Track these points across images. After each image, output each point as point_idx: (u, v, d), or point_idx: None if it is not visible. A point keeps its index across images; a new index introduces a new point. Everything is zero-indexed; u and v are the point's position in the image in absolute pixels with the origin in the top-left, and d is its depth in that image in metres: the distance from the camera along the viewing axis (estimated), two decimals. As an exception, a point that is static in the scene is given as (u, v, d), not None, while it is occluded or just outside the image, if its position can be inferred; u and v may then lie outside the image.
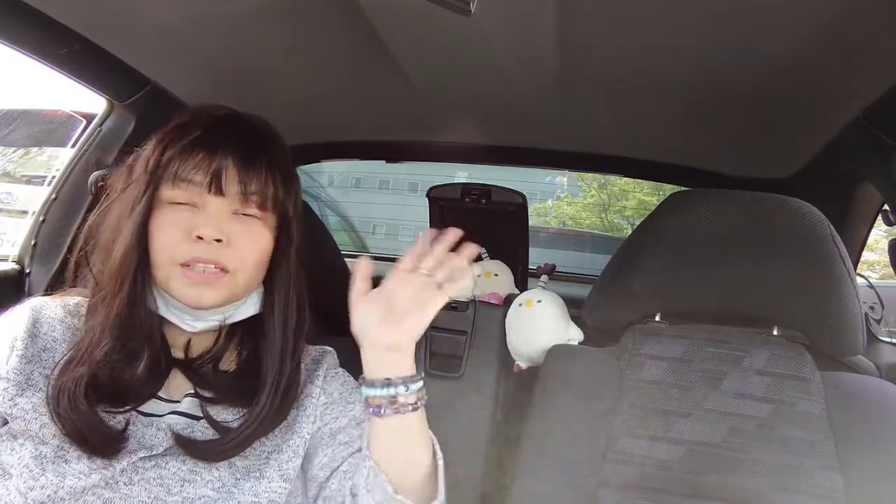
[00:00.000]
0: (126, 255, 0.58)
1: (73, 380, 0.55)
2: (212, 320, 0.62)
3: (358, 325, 0.56)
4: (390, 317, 0.54)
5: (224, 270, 0.59)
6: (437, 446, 0.59)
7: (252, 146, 0.61)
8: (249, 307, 0.64)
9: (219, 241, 0.58)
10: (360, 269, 0.57)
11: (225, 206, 0.60)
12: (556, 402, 0.83)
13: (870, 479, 0.73)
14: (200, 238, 0.58)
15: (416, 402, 0.56)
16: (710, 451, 0.78)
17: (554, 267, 1.28)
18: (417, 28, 0.77)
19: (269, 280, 0.65)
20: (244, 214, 0.61)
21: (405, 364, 0.55)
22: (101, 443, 0.54)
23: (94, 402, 0.55)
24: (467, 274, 0.57)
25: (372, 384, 0.55)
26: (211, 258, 0.58)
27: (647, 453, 0.78)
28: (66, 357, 0.57)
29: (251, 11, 0.77)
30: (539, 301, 1.12)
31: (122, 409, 0.57)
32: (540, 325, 1.09)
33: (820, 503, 0.73)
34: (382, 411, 0.55)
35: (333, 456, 0.63)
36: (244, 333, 0.66)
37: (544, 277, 1.22)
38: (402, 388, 0.55)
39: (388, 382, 0.55)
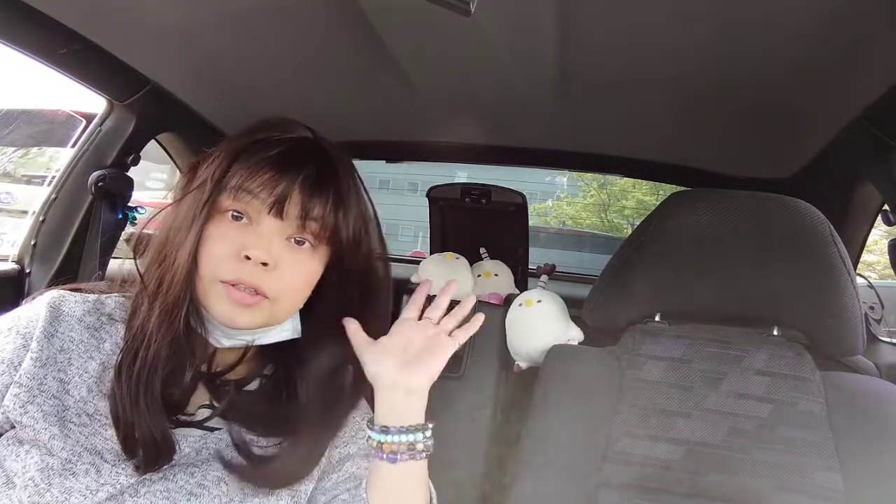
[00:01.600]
0: (187, 262, 0.55)
1: (143, 383, 0.53)
2: (241, 340, 0.60)
3: (375, 370, 0.56)
4: (409, 361, 0.56)
5: (264, 296, 0.56)
6: (433, 492, 0.60)
7: (323, 175, 0.59)
8: (282, 332, 0.61)
9: (265, 264, 0.55)
10: (349, 325, 0.59)
11: (280, 229, 0.57)
12: (556, 402, 0.83)
13: (870, 479, 0.73)
14: (248, 258, 0.55)
15: (430, 447, 0.56)
16: (710, 451, 0.78)
17: (554, 267, 1.28)
18: (417, 28, 0.77)
19: (315, 308, 0.62)
20: (296, 241, 0.58)
21: (421, 409, 0.56)
22: (165, 453, 0.53)
23: (162, 411, 0.54)
24: (477, 323, 0.61)
25: (388, 430, 0.55)
26: (253, 283, 0.55)
27: (647, 453, 0.78)
28: (125, 357, 0.55)
29: (251, 11, 0.77)
30: (539, 301, 1.12)
31: (171, 420, 0.56)
32: (540, 325, 1.09)
33: (820, 503, 0.73)
34: (398, 458, 0.55)
35: (336, 484, 0.61)
36: (275, 356, 0.63)
37: (544, 277, 1.22)
38: (420, 435, 0.55)
39: (407, 429, 0.55)
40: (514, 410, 0.90)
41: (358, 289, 0.63)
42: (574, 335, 1.08)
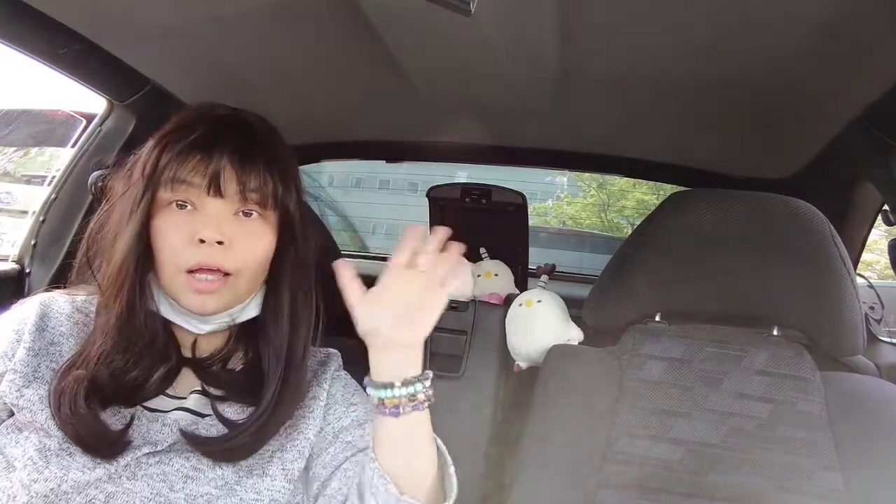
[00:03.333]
0: (125, 259, 0.58)
1: (72, 383, 0.55)
2: (218, 322, 0.62)
3: (368, 325, 0.52)
4: (403, 315, 0.52)
5: (226, 274, 0.59)
6: (442, 445, 0.58)
7: (249, 145, 0.60)
8: (253, 308, 0.64)
9: (220, 242, 0.58)
10: (344, 272, 0.54)
11: (225, 207, 0.59)
12: (556, 402, 0.83)
13: (870, 479, 0.73)
14: (202, 241, 0.57)
15: (431, 397, 0.54)
16: (711, 451, 0.78)
17: (554, 267, 1.28)
18: (417, 28, 0.77)
19: (272, 280, 0.64)
20: (244, 214, 0.60)
21: (418, 360, 0.54)
22: (99, 445, 0.55)
23: (97, 404, 0.55)
24: (466, 271, 0.58)
25: (386, 386, 0.53)
26: (214, 262, 0.58)
27: (647, 453, 0.78)
28: (67, 361, 0.57)
29: (251, 12, 0.77)
30: (539, 301, 1.12)
31: (126, 408, 0.58)
32: (540, 325, 1.09)
33: (820, 503, 0.73)
34: (401, 410, 0.53)
35: (335, 455, 0.62)
36: (249, 333, 0.66)
37: (544, 277, 1.22)
38: (419, 386, 0.53)
39: (407, 381, 0.53)
40: (514, 410, 0.90)
41: (312, 254, 0.65)
42: (574, 335, 1.08)
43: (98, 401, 0.55)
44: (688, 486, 0.77)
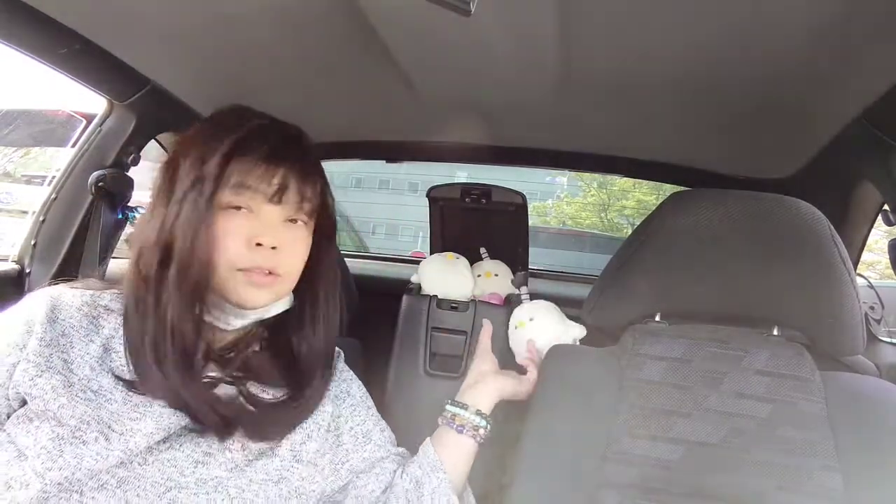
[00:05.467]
0: (198, 261, 0.60)
1: (173, 358, 0.59)
2: (251, 318, 0.66)
3: (482, 368, 0.89)
4: (503, 375, 0.88)
5: (277, 276, 0.63)
6: (469, 491, 0.80)
7: (308, 160, 0.67)
8: (281, 304, 0.69)
9: (274, 248, 0.62)
10: (487, 332, 0.98)
11: (280, 214, 0.64)
12: (556, 402, 0.83)
13: (870, 479, 0.73)
14: (259, 245, 0.62)
15: (483, 437, 0.81)
16: (711, 451, 0.78)
17: (526, 275, 1.26)
18: (417, 28, 0.77)
19: (309, 281, 0.70)
20: (290, 220, 0.65)
21: (491, 404, 0.83)
22: (234, 418, 0.61)
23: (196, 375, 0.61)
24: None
25: (466, 407, 0.81)
26: (269, 265, 0.62)
27: (648, 453, 0.78)
28: (154, 352, 0.59)
29: (251, 12, 0.78)
30: (531, 319, 1.10)
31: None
32: (541, 340, 1.07)
33: (820, 503, 0.73)
34: (464, 430, 0.79)
35: (368, 458, 0.72)
36: (268, 323, 0.69)
37: (524, 290, 1.20)
38: (484, 422, 0.81)
39: (482, 414, 0.81)
40: (514, 410, 0.90)
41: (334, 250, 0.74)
42: (576, 333, 1.07)
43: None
44: (688, 486, 0.77)
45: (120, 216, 1.08)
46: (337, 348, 0.76)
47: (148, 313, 0.60)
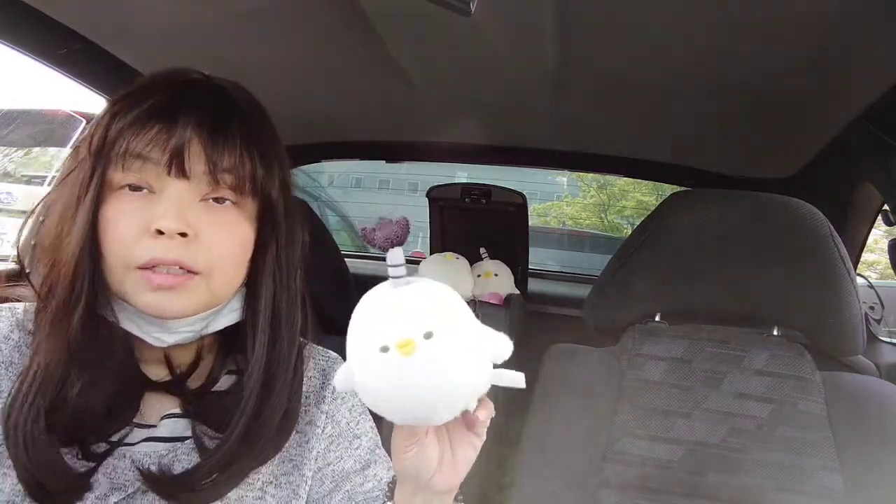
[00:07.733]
0: (78, 258, 0.45)
1: (26, 418, 0.44)
2: (184, 332, 0.49)
3: (412, 467, 0.44)
4: (448, 461, 0.46)
5: (192, 272, 0.46)
6: None
7: (222, 115, 0.48)
8: (230, 314, 0.52)
9: (183, 235, 0.45)
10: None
11: (190, 191, 0.47)
12: (556, 402, 0.83)
13: (870, 479, 0.73)
14: (161, 232, 0.45)
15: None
16: (711, 451, 0.78)
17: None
18: (417, 28, 0.77)
19: (251, 281, 0.52)
20: (214, 200, 0.48)
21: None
22: (61, 491, 0.45)
23: (55, 441, 0.45)
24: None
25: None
26: (174, 258, 0.45)
27: (648, 453, 0.78)
28: (13, 392, 0.45)
29: (251, 12, 0.77)
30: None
31: (89, 445, 0.47)
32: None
33: (820, 503, 0.73)
34: None
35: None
36: (229, 344, 0.53)
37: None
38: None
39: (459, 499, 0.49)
40: (514, 410, 0.90)
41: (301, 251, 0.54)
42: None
43: (56, 438, 0.45)
44: (688, 486, 0.77)
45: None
46: (335, 355, 0.61)
47: (36, 334, 0.47)
